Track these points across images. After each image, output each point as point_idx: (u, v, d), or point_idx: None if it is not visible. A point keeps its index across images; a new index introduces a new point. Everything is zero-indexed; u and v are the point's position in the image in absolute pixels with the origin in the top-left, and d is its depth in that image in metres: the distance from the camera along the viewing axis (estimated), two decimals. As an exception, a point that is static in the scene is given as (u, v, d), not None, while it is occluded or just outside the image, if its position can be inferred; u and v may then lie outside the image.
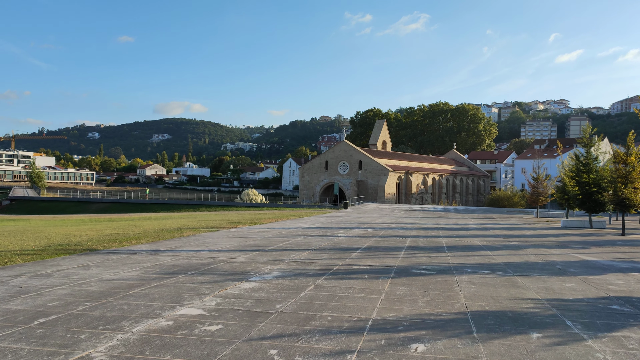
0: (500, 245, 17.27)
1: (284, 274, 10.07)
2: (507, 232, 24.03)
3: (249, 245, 14.92)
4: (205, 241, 15.87)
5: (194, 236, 17.50)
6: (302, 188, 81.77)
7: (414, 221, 30.34)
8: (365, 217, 33.05)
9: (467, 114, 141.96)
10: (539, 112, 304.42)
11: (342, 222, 27.71)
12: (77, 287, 8.17)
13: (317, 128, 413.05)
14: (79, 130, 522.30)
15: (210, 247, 14.33)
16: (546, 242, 19.37)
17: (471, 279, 10.15)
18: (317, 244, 16.00)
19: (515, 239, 20.04)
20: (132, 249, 13.24)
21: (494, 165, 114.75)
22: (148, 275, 9.44)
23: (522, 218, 38.34)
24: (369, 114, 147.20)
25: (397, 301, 7.80)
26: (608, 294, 9.09)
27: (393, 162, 79.48)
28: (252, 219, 28.95)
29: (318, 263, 11.69)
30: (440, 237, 20.18)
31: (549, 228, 28.00)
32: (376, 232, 21.37)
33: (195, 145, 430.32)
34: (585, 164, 28.93)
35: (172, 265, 10.65)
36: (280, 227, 22.78)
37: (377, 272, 10.58)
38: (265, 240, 16.51)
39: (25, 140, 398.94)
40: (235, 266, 10.85)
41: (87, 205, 61.41)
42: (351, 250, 14.57)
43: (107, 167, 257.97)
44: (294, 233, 19.86)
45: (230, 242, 15.85)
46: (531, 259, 13.80)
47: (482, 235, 21.34)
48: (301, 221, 28.12)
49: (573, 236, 22.76)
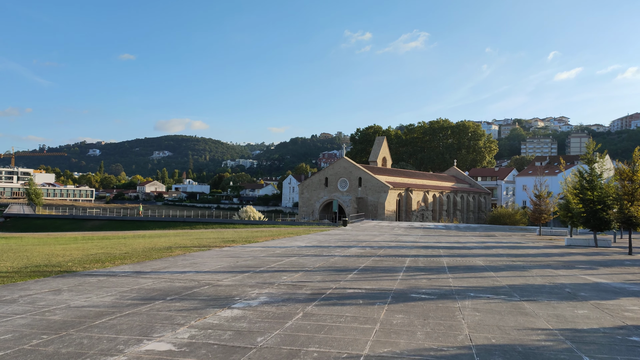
0: (504, 266, 16.47)
1: (271, 299, 9.27)
2: (510, 251, 23.21)
3: (240, 266, 14.14)
4: (194, 261, 15.09)
5: (183, 256, 16.71)
6: (301, 205, 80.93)
7: (414, 239, 29.52)
8: (364, 235, 32.23)
9: (467, 131, 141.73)
10: (539, 130, 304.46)
11: (340, 241, 26.91)
12: (39, 316, 7.39)
13: (317, 145, 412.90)
14: (79, 147, 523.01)
15: (197, 268, 13.54)
16: (552, 262, 18.55)
17: (475, 304, 9.36)
18: (311, 264, 15.20)
19: (519, 259, 19.22)
20: (113, 271, 12.45)
21: (494, 182, 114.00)
22: (122, 301, 8.65)
23: (524, 236, 37.49)
24: (369, 131, 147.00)
25: (394, 332, 7.01)
26: (625, 322, 8.29)
27: (393, 178, 78.75)
28: (248, 237, 28.16)
29: (310, 286, 10.90)
30: (441, 256, 19.37)
31: (553, 247, 27.17)
32: (374, 251, 20.56)
33: (195, 162, 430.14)
34: (589, 181, 28.19)
35: (151, 290, 9.86)
36: (275, 246, 21.98)
37: (373, 297, 9.79)
38: (257, 261, 15.72)
39: (26, 157, 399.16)
40: (220, 290, 10.06)
41: (82, 222, 60.56)
42: (347, 271, 13.77)
43: (107, 184, 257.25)
44: (289, 252, 19.07)
45: (220, 262, 15.06)
46: (538, 281, 13.00)
47: (484, 255, 20.53)
48: (298, 239, 27.33)
49: (579, 255, 21.93)
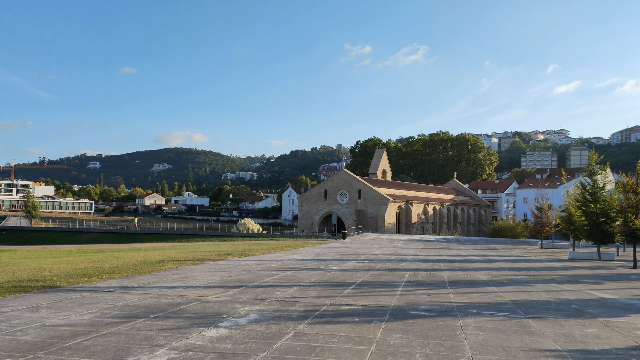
0: (506, 280, 15.93)
1: (261, 317, 8.75)
2: (512, 264, 22.66)
3: (232, 281, 13.61)
4: (185, 276, 14.56)
5: (174, 270, 16.18)
6: (300, 217, 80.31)
7: (414, 252, 28.96)
8: (364, 248, 31.66)
9: (467, 143, 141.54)
10: (539, 142, 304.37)
11: (338, 254, 26.36)
12: (9, 336, 6.88)
13: (317, 157, 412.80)
14: (80, 160, 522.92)
15: (188, 282, 13.02)
16: (555, 276, 18.01)
17: (477, 322, 8.84)
18: (307, 278, 14.67)
19: (522, 273, 18.68)
20: (99, 286, 11.93)
21: (495, 194, 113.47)
22: (102, 319, 8.13)
23: (526, 249, 36.91)
24: (369, 143, 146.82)
25: (390, 354, 6.50)
26: (638, 342, 7.77)
27: (393, 191, 78.25)
28: (244, 250, 27.61)
29: (304, 302, 10.38)
30: (442, 270, 18.83)
31: (556, 260, 26.62)
32: (373, 265, 20.02)
33: (195, 175, 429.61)
34: (592, 193, 27.71)
35: (135, 306, 9.35)
36: (271, 259, 21.44)
37: (369, 314, 9.27)
38: (252, 275, 15.19)
39: (26, 169, 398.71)
40: (209, 307, 9.54)
41: (79, 235, 59.93)
42: (344, 286, 13.24)
43: (106, 196, 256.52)
44: (285, 266, 18.54)
45: (212, 276, 14.53)
46: (542, 296, 12.47)
47: (486, 269, 19.99)
48: (295, 252, 26.78)
49: (583, 269, 21.39)
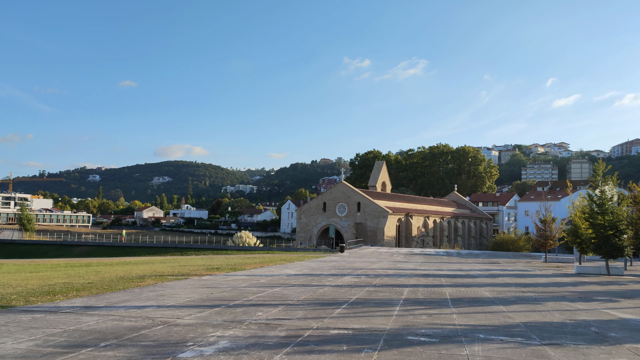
0: (514, 298, 14.62)
1: (232, 344, 7.47)
2: (517, 279, 21.33)
3: (212, 299, 12.33)
4: (162, 293, 13.27)
5: (152, 286, 14.88)
6: (299, 230, 78.90)
7: (413, 266, 27.63)
8: (361, 262, 30.32)
9: (467, 156, 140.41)
10: (539, 155, 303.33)
11: (334, 268, 25.03)
12: None
13: (317, 170, 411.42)
14: (79, 173, 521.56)
15: (162, 301, 11.73)
16: (566, 293, 16.71)
17: (486, 350, 7.56)
18: (296, 296, 13.38)
19: (529, 289, 17.37)
20: (59, 306, 10.64)
21: (496, 207, 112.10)
22: (40, 348, 6.85)
23: (529, 263, 35.54)
24: (369, 156, 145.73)
25: (381, 397, 5.22)
26: (679, 376, 6.50)
27: (393, 203, 76.93)
28: (236, 264, 26.30)
29: (287, 326, 9.09)
30: (443, 286, 17.53)
31: (562, 275, 25.30)
32: (370, 280, 18.71)
33: (195, 188, 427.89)
34: (599, 205, 26.43)
35: (88, 331, 8.06)
36: (261, 274, 20.12)
37: (360, 341, 7.99)
38: (235, 292, 13.89)
39: (26, 182, 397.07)
40: (175, 332, 8.25)
41: (70, 248, 58.56)
42: (335, 305, 11.96)
43: (104, 209, 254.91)
44: (275, 282, 17.23)
45: (191, 294, 13.24)
46: (556, 317, 11.18)
47: (490, 285, 18.67)
48: (289, 266, 25.46)
49: (593, 285, 20.07)
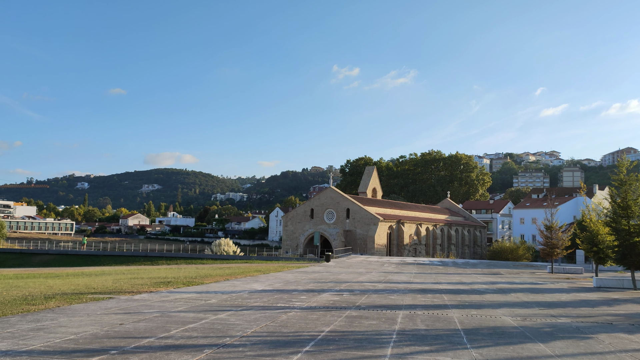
0: (548, 327, 10.66)
1: None
2: (534, 296, 17.40)
3: (111, 335, 8.24)
4: (41, 325, 9.11)
5: (49, 311, 10.71)
6: (285, 238, 74.56)
7: (407, 279, 23.62)
8: (347, 274, 26.28)
9: (459, 162, 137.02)
10: (530, 164, 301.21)
11: (313, 281, 20.98)
12: None
13: (308, 178, 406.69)
14: (68, 181, 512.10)
15: (28, 339, 7.63)
16: (608, 317, 12.79)
17: None
18: (242, 328, 9.32)
19: (559, 311, 13.43)
20: None
21: (489, 215, 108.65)
22: None
23: (534, 274, 31.70)
24: (360, 162, 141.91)
25: None
26: None
27: (384, 210, 72.96)
28: (197, 277, 22.16)
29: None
30: (448, 307, 13.54)
31: (582, 289, 21.42)
32: (354, 300, 14.67)
33: (185, 196, 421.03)
34: (624, 207, 22.67)
35: None
36: (217, 291, 16.02)
37: None
38: (159, 321, 9.80)
39: (13, 189, 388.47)
40: None
41: (31, 257, 53.97)
42: (295, 344, 7.93)
43: (90, 217, 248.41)
44: (228, 303, 13.15)
45: (90, 325, 9.13)
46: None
47: (506, 305, 14.69)
48: (260, 279, 21.38)
49: (629, 304, 16.21)
